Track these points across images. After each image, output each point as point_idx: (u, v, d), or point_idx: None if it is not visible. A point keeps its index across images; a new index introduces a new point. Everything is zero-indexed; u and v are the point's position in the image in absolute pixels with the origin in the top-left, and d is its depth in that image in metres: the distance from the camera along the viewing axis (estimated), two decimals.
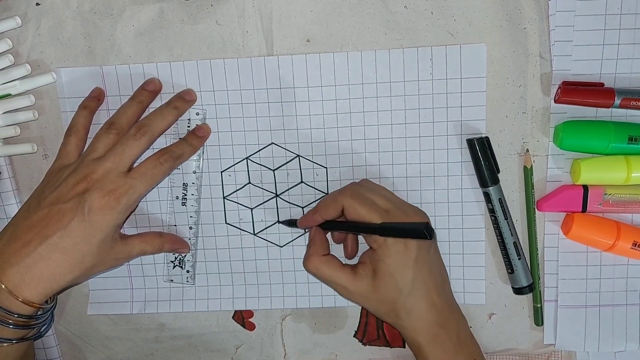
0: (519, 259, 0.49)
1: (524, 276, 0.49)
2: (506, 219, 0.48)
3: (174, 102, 0.48)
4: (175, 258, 0.52)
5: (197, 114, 0.49)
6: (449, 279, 0.48)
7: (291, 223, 0.51)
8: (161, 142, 0.49)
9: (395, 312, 0.45)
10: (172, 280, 0.53)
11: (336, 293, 0.48)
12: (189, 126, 0.49)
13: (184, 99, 0.48)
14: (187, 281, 0.53)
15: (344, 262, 0.47)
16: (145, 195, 0.46)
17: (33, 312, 0.43)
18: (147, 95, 0.48)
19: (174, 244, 0.50)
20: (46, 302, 0.44)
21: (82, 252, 0.42)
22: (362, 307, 0.47)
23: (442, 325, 0.45)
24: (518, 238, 0.49)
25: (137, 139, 0.44)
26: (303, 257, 0.48)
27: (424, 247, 0.45)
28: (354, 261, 0.50)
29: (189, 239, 0.52)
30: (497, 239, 0.49)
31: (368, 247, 0.47)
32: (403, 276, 0.44)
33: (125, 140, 0.44)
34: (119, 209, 0.43)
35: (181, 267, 0.52)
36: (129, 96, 0.49)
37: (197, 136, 0.49)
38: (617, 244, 0.48)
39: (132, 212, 0.47)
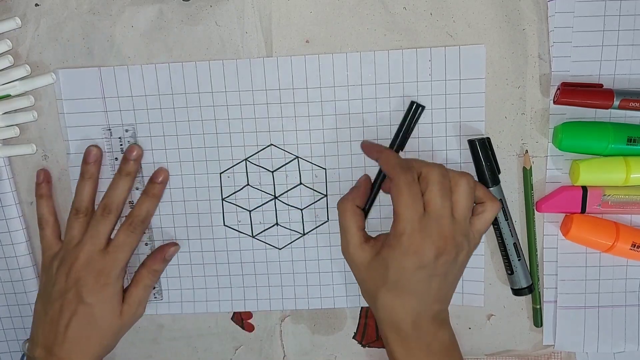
0: (519, 260, 0.49)
1: (524, 277, 0.49)
2: (507, 219, 0.48)
3: (124, 169, 0.50)
4: None
5: (127, 130, 0.50)
6: (450, 297, 0.46)
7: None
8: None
9: (374, 297, 0.44)
10: None
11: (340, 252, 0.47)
12: (121, 145, 0.50)
13: (131, 160, 0.50)
14: (155, 297, 0.53)
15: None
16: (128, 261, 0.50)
17: None
18: (94, 170, 0.50)
19: (159, 260, 0.51)
20: None
21: (100, 327, 0.48)
22: (350, 268, 0.47)
23: (417, 334, 0.44)
24: (518, 239, 0.49)
25: (105, 217, 0.48)
26: (341, 197, 0.47)
27: (434, 261, 0.42)
28: None
29: (147, 255, 0.52)
30: (497, 239, 0.49)
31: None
32: (394, 273, 0.43)
33: (96, 223, 0.49)
34: (112, 282, 0.48)
35: None
36: (127, 97, 0.49)
37: (154, 183, 0.50)
38: (616, 245, 0.48)
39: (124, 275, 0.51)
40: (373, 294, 0.45)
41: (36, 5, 0.49)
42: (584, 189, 0.48)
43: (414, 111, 0.47)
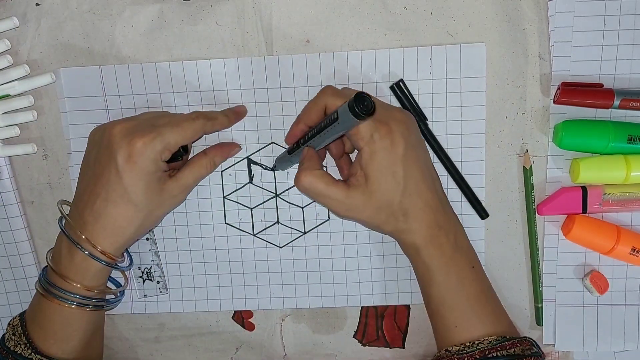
0: None
1: None
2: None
3: (213, 114, 0.47)
4: (143, 272, 0.53)
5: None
6: (439, 178, 0.47)
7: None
8: None
9: (393, 215, 0.44)
10: (146, 295, 0.53)
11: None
12: None
13: (230, 112, 0.49)
14: (161, 292, 0.53)
15: None
16: (177, 147, 0.45)
17: (111, 263, 0.45)
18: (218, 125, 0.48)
19: (223, 153, 0.49)
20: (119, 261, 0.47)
21: (132, 201, 0.43)
22: (360, 222, 0.46)
23: (439, 226, 0.44)
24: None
25: (173, 122, 0.45)
26: (295, 176, 0.45)
27: (410, 142, 0.43)
28: None
29: (149, 250, 0.52)
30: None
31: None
32: (395, 174, 0.43)
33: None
34: (147, 154, 0.43)
35: (151, 280, 0.53)
36: (128, 96, 0.49)
37: (234, 111, 0.49)
38: (617, 248, 0.48)
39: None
40: (397, 210, 0.43)
41: (37, 4, 0.49)
42: (584, 189, 0.48)
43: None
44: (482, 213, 0.50)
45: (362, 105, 0.38)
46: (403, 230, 0.44)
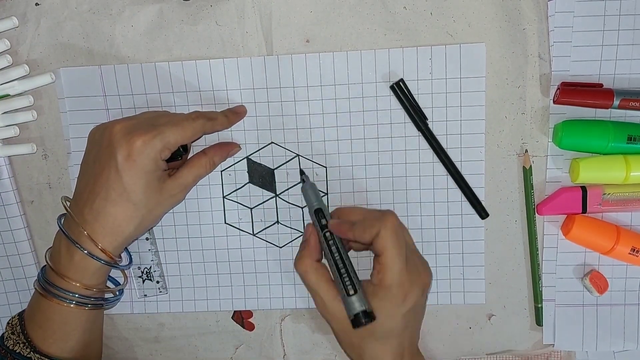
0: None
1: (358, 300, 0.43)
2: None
3: (213, 114, 0.47)
4: (142, 272, 0.53)
5: None
6: (421, 322, 0.47)
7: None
8: None
9: (359, 350, 0.44)
10: (145, 295, 0.53)
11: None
12: None
13: (231, 113, 0.49)
14: (160, 292, 0.53)
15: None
16: (177, 146, 0.45)
17: (110, 262, 0.45)
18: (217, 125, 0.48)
19: (222, 153, 0.49)
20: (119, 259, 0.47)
21: (131, 200, 0.43)
22: (329, 325, 0.46)
23: None
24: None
25: (174, 122, 0.45)
26: (295, 256, 0.46)
27: (417, 306, 0.43)
28: None
29: (149, 249, 0.52)
30: (334, 256, 0.45)
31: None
32: (383, 324, 0.43)
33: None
34: (146, 153, 0.43)
35: (150, 280, 0.53)
36: (128, 96, 0.49)
37: (234, 112, 0.49)
38: (616, 248, 0.48)
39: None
40: (358, 346, 0.44)
41: (36, 4, 0.49)
42: (584, 189, 0.48)
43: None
44: (482, 213, 0.50)
45: (360, 321, 0.42)
46: None
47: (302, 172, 0.50)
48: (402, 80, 0.48)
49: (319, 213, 0.46)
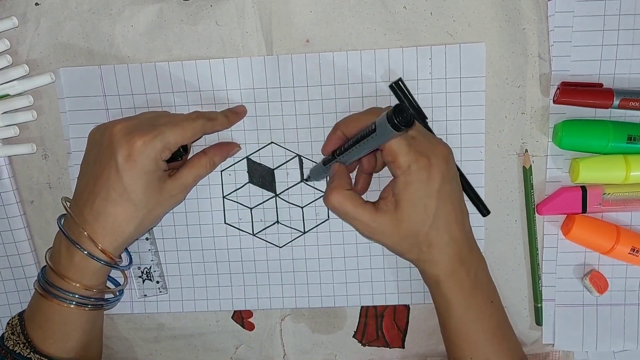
0: None
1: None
2: None
3: (213, 114, 0.47)
4: (142, 272, 0.53)
5: None
6: (468, 214, 0.47)
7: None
8: None
9: (417, 245, 0.44)
10: (145, 295, 0.53)
11: (357, 233, 0.47)
12: None
13: (230, 113, 0.49)
14: (160, 292, 0.53)
15: None
16: (177, 146, 0.45)
17: (111, 262, 0.45)
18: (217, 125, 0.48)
19: (222, 153, 0.49)
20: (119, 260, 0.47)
21: (131, 200, 0.43)
22: (383, 245, 0.46)
23: (462, 261, 0.44)
24: None
25: (175, 122, 0.45)
26: (324, 194, 0.45)
27: (447, 177, 0.43)
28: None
29: (149, 249, 0.52)
30: None
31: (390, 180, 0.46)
32: (426, 207, 0.43)
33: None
34: (147, 153, 0.43)
35: (150, 280, 0.53)
36: (128, 95, 0.49)
37: (234, 112, 0.49)
38: (616, 248, 0.48)
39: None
40: (423, 240, 0.44)
41: (36, 4, 0.49)
42: (584, 189, 0.48)
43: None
44: (484, 210, 0.50)
45: (401, 116, 0.37)
46: (425, 261, 0.45)
47: (306, 178, 0.51)
48: (400, 79, 0.48)
49: (325, 161, 0.47)
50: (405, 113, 0.38)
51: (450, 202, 0.44)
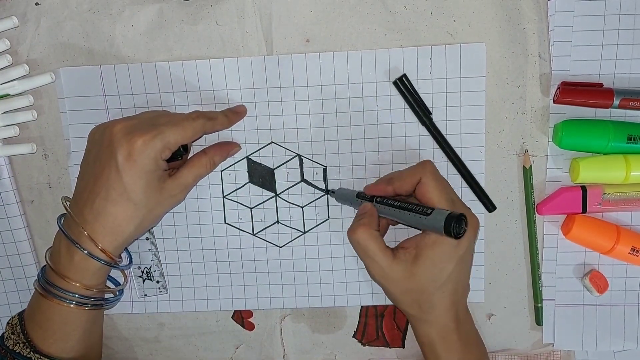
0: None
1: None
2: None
3: (213, 114, 0.47)
4: (142, 272, 0.53)
5: None
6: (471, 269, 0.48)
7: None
8: None
9: (418, 302, 0.45)
10: (146, 295, 0.53)
11: (367, 274, 0.47)
12: None
13: (231, 112, 0.49)
14: (160, 291, 0.53)
15: None
16: (177, 146, 0.44)
17: (111, 262, 0.45)
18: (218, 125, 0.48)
19: (222, 152, 0.49)
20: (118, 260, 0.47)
21: (131, 200, 0.43)
22: (385, 291, 0.47)
23: (456, 322, 0.45)
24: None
25: (175, 122, 0.44)
26: (349, 228, 0.46)
27: (471, 248, 0.45)
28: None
29: (149, 249, 0.52)
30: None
31: (415, 235, 0.47)
32: (443, 269, 0.44)
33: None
34: (147, 152, 0.43)
35: (150, 280, 0.53)
36: (128, 95, 0.49)
37: (234, 112, 0.49)
38: (616, 248, 0.48)
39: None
40: (426, 299, 0.45)
41: (36, 4, 0.49)
42: (584, 189, 0.48)
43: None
44: (490, 206, 0.50)
45: (457, 230, 0.40)
46: (424, 320, 0.46)
47: (330, 191, 0.51)
48: (404, 75, 0.48)
49: (360, 195, 0.48)
50: (463, 225, 0.41)
51: (465, 270, 0.46)
